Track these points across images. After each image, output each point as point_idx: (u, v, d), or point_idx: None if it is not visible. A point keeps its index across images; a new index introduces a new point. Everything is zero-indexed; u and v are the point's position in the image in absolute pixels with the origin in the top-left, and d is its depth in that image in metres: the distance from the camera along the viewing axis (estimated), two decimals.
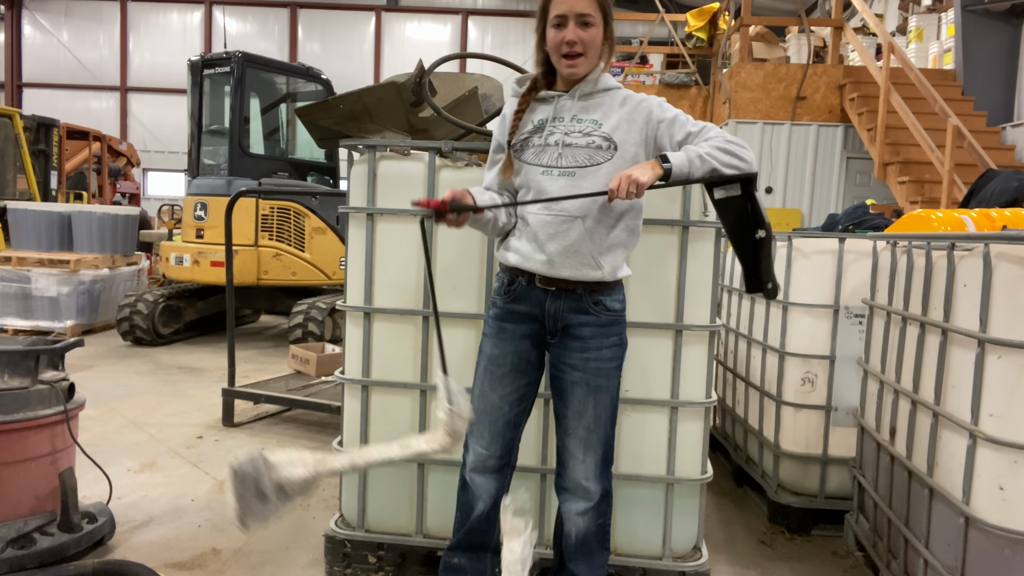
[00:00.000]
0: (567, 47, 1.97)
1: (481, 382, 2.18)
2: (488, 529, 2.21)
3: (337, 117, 3.21)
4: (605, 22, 2.00)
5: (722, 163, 1.88)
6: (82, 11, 20.56)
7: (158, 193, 20.15)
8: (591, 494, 2.11)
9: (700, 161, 1.87)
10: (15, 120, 9.78)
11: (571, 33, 1.95)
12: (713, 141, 1.91)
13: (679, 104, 9.47)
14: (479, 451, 2.18)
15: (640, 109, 2.03)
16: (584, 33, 1.96)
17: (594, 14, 1.96)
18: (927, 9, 9.67)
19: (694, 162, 1.86)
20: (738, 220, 1.98)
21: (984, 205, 3.99)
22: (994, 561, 2.08)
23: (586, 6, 1.96)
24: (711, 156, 1.87)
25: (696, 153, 1.87)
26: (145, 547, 2.99)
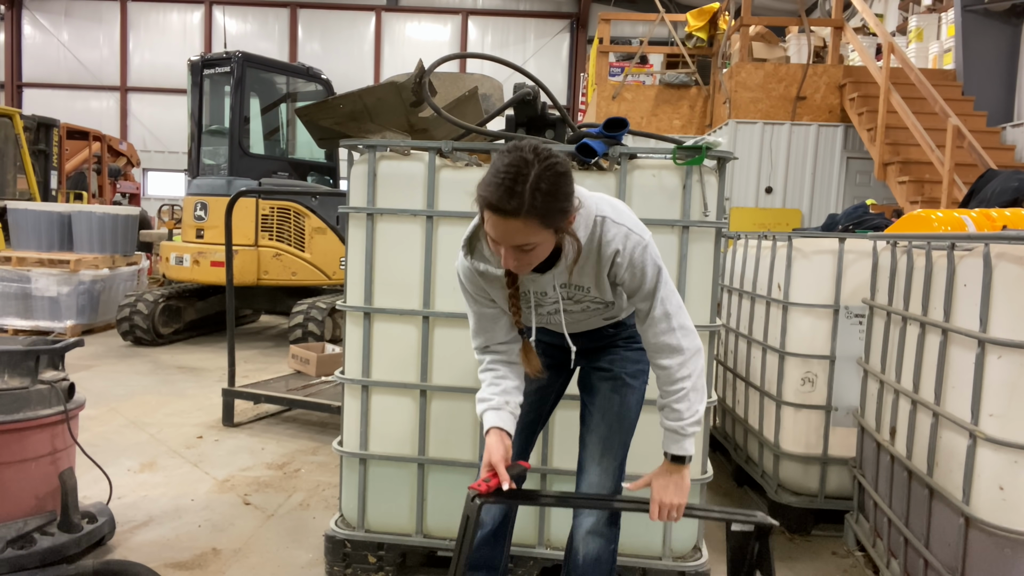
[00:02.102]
0: (508, 267, 1.71)
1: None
2: (495, 547, 2.14)
3: (337, 117, 3.21)
4: (555, 230, 1.64)
5: (698, 405, 1.88)
6: (82, 11, 20.55)
7: (158, 193, 20.14)
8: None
9: (693, 425, 1.87)
10: (15, 120, 9.78)
11: (507, 259, 1.66)
12: (679, 392, 1.85)
13: (679, 104, 9.50)
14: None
15: (611, 273, 1.82)
16: (522, 256, 1.65)
17: (533, 240, 1.61)
18: (927, 9, 9.66)
19: (688, 432, 1.87)
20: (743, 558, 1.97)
21: (984, 205, 3.99)
22: (994, 561, 2.08)
23: (521, 238, 1.60)
24: (689, 411, 1.86)
25: (692, 426, 1.86)
26: (145, 547, 2.99)
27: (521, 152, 1.58)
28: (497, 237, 1.63)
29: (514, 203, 1.55)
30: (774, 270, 3.56)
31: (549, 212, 1.58)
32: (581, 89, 16.56)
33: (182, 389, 5.66)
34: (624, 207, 1.85)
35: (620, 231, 1.76)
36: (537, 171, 1.55)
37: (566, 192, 1.61)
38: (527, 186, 1.54)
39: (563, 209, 1.62)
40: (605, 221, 1.76)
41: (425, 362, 2.66)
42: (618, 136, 2.49)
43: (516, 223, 1.57)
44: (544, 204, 1.56)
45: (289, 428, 4.79)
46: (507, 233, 1.60)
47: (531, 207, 1.55)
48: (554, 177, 1.57)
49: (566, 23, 20.28)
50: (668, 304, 1.82)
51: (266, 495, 3.60)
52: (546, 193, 1.56)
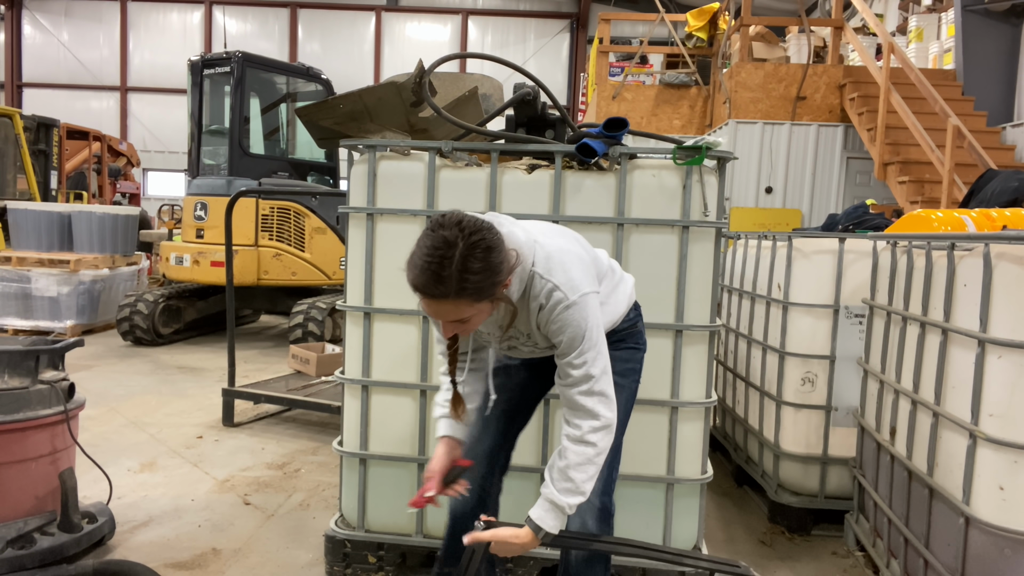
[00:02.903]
0: (446, 336, 1.76)
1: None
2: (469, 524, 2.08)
3: (337, 117, 3.21)
4: (490, 299, 1.64)
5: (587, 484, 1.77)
6: (82, 11, 20.55)
7: (158, 193, 20.15)
8: (590, 504, 1.96)
9: (572, 505, 1.75)
10: (15, 120, 9.78)
11: (445, 330, 1.70)
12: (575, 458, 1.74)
13: (679, 104, 9.49)
14: (472, 434, 2.11)
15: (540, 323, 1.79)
16: (460, 326, 1.67)
17: (467, 314, 1.62)
18: (927, 9, 9.66)
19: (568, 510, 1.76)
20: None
21: (984, 205, 3.99)
22: (994, 561, 2.08)
23: (453, 314, 1.62)
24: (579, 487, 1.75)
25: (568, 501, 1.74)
26: (145, 547, 2.99)
27: (444, 231, 1.56)
28: (431, 314, 1.65)
29: (442, 288, 1.54)
30: (774, 270, 3.56)
31: (479, 290, 1.57)
32: (581, 89, 16.56)
33: (182, 389, 5.66)
34: (561, 257, 1.76)
35: (545, 287, 1.73)
36: (462, 251, 1.53)
37: (495, 266, 1.59)
38: (453, 269, 1.53)
39: (493, 283, 1.60)
40: (535, 276, 1.74)
41: (425, 362, 2.66)
42: (618, 136, 2.49)
43: (447, 304, 1.58)
44: (473, 283, 1.55)
45: (289, 428, 4.79)
46: (440, 312, 1.62)
47: (460, 289, 1.55)
48: (481, 254, 1.55)
49: (566, 23, 20.28)
50: (592, 367, 1.74)
51: (266, 495, 3.60)
52: (474, 272, 1.54)
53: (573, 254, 1.81)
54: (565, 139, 2.74)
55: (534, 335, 1.85)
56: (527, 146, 2.58)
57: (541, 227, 1.89)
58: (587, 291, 1.75)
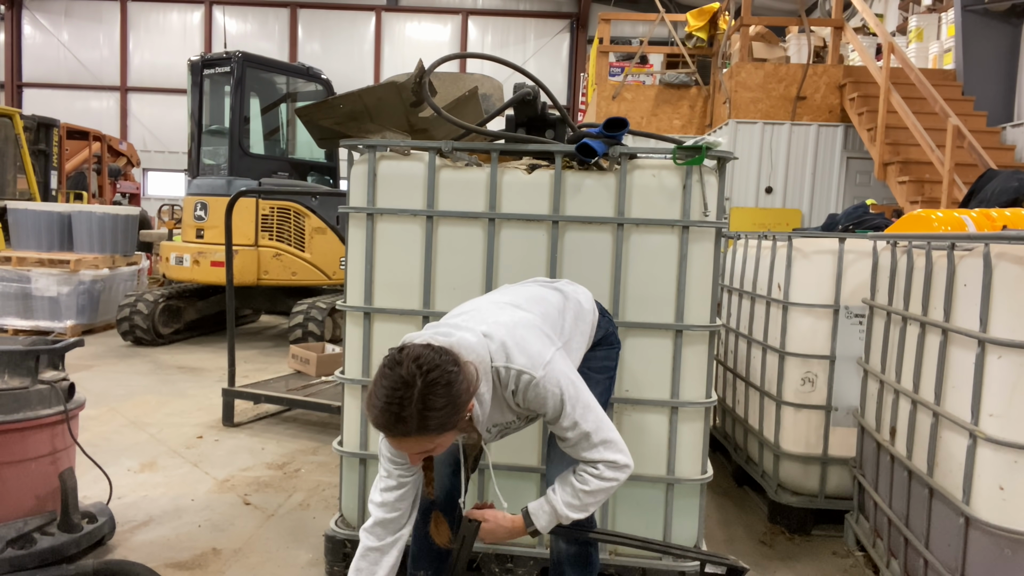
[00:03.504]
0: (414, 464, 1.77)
1: None
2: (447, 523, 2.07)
3: (337, 117, 3.21)
4: (452, 429, 1.63)
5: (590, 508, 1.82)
6: (82, 11, 20.55)
7: (158, 193, 20.15)
8: None
9: (567, 519, 1.79)
10: (15, 120, 9.77)
11: (412, 460, 1.72)
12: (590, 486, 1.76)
13: (679, 104, 9.49)
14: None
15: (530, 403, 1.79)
16: (428, 455, 1.70)
17: (430, 447, 1.64)
18: (927, 9, 9.66)
19: (563, 521, 1.79)
20: None
21: (984, 205, 3.99)
22: (994, 561, 2.08)
23: (417, 448, 1.64)
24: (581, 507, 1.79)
25: (569, 514, 1.78)
26: (145, 547, 2.99)
27: (400, 370, 1.55)
28: (395, 448, 1.68)
29: (403, 427, 1.56)
30: (774, 270, 3.56)
31: (442, 424, 1.57)
32: (581, 89, 16.56)
33: (182, 389, 5.66)
34: (513, 339, 1.75)
35: (511, 374, 1.74)
36: (420, 390, 1.53)
37: (456, 399, 1.58)
38: (413, 408, 1.53)
39: (456, 415, 1.60)
40: (499, 371, 1.75)
41: None
42: (618, 136, 2.49)
43: (410, 441, 1.59)
44: (436, 419, 1.56)
45: (289, 428, 4.79)
46: (403, 447, 1.63)
47: (421, 427, 1.55)
48: (442, 391, 1.55)
49: (566, 23, 20.28)
50: (583, 424, 1.76)
51: (266, 495, 3.60)
52: (436, 408, 1.55)
53: (523, 325, 1.81)
54: (565, 139, 2.74)
55: (519, 415, 1.87)
56: (527, 146, 2.58)
57: (485, 312, 1.87)
58: (549, 357, 1.76)
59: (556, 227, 2.53)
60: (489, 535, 1.80)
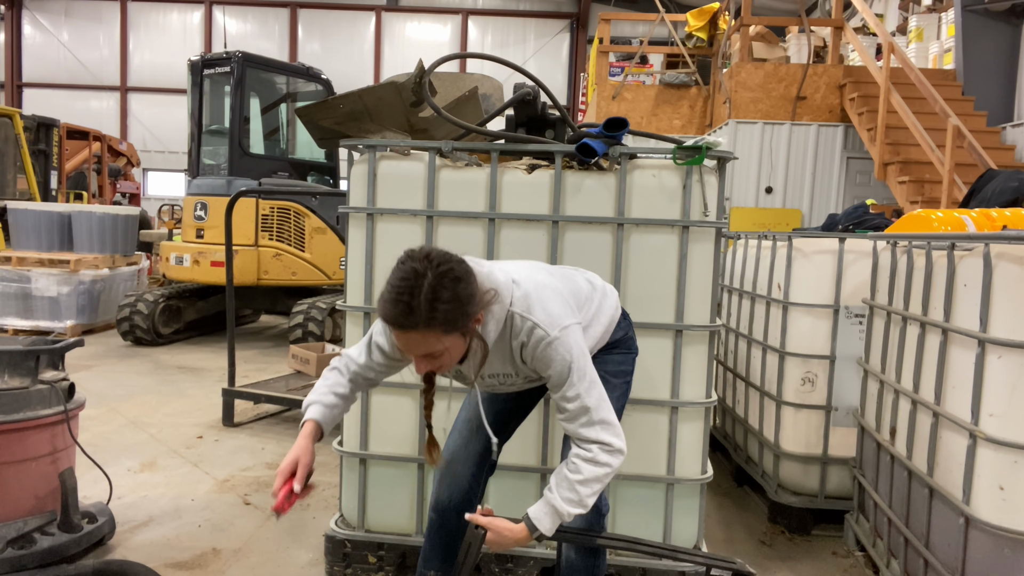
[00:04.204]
0: (420, 372, 1.75)
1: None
2: (459, 533, 2.09)
3: (337, 117, 3.21)
4: (461, 333, 1.64)
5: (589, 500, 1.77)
6: (82, 11, 20.55)
7: (158, 193, 20.15)
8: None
9: (570, 514, 1.75)
10: (15, 120, 9.77)
11: (418, 366, 1.70)
12: (584, 474, 1.73)
13: (679, 104, 9.49)
14: (463, 433, 2.11)
15: (523, 361, 1.81)
16: (433, 361, 1.67)
17: (437, 347, 1.63)
18: (927, 9, 9.66)
19: (565, 518, 1.76)
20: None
21: (984, 205, 3.99)
22: (994, 561, 2.08)
23: (424, 347, 1.62)
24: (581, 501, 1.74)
25: (569, 509, 1.74)
26: (145, 547, 2.99)
27: (413, 263, 1.59)
28: (403, 348, 1.65)
29: (412, 318, 1.56)
30: (774, 270, 3.56)
31: (449, 320, 1.58)
32: (581, 89, 16.56)
33: (182, 389, 5.66)
34: (539, 294, 1.77)
35: (526, 325, 1.74)
36: (431, 281, 1.56)
37: (465, 297, 1.60)
38: (422, 299, 1.55)
39: (464, 313, 1.61)
40: (514, 316, 1.75)
41: None
42: (618, 136, 2.49)
43: (416, 335, 1.59)
44: (443, 314, 1.57)
45: (289, 428, 4.79)
46: (411, 344, 1.62)
47: (429, 319, 1.56)
48: (450, 284, 1.58)
49: (566, 23, 20.28)
50: (586, 398, 1.75)
51: (266, 495, 3.60)
52: (443, 302, 1.56)
53: (551, 288, 1.82)
54: (565, 139, 2.74)
55: (520, 371, 1.86)
56: (527, 146, 2.58)
57: (519, 266, 1.91)
58: (568, 324, 1.76)
59: (556, 227, 2.53)
60: (495, 546, 1.78)
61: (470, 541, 1.81)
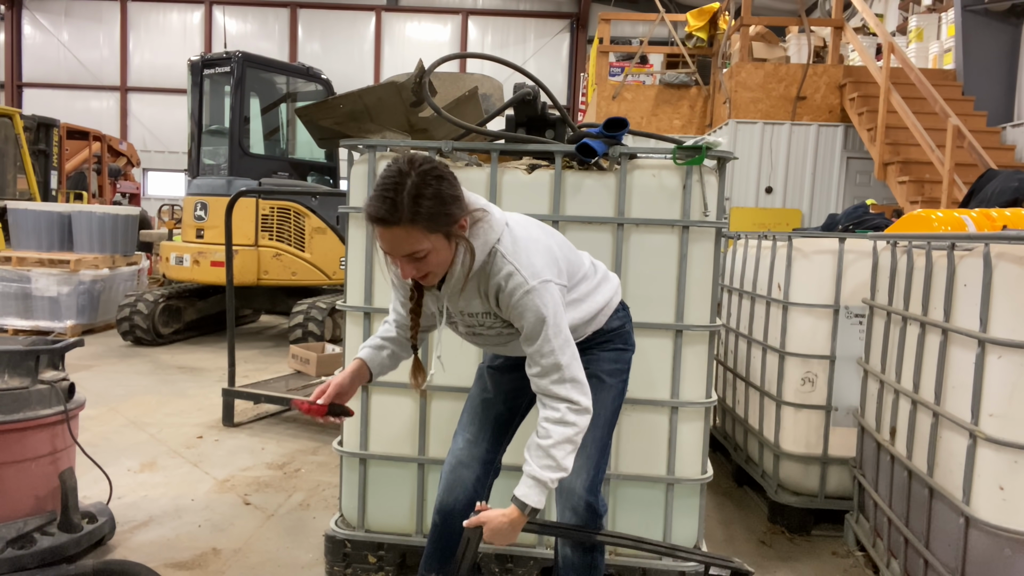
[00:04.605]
0: (407, 278, 1.74)
1: (480, 373, 2.18)
2: (462, 530, 2.04)
3: (337, 117, 3.21)
4: (444, 234, 1.65)
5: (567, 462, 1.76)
6: (82, 11, 20.55)
7: (158, 193, 20.14)
8: (577, 500, 1.98)
9: (554, 480, 1.74)
10: (15, 120, 9.77)
11: (404, 271, 1.69)
12: (554, 437, 1.72)
13: (679, 104, 9.49)
14: (466, 437, 2.11)
15: (512, 309, 1.77)
16: (418, 264, 1.67)
17: (421, 247, 1.62)
18: (927, 9, 9.66)
19: (550, 485, 1.74)
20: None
21: (984, 205, 3.99)
22: (994, 561, 2.08)
23: (408, 246, 1.62)
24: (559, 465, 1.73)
25: (550, 476, 1.73)
26: (145, 547, 2.99)
27: (397, 164, 1.62)
28: (386, 248, 1.66)
29: (395, 214, 1.58)
30: (774, 270, 3.57)
31: (431, 216, 1.60)
32: (581, 89, 16.56)
33: (182, 389, 5.66)
34: (528, 245, 1.77)
35: (506, 269, 1.73)
36: (414, 179, 1.59)
37: (448, 196, 1.62)
38: (404, 194, 1.58)
39: (446, 213, 1.62)
40: (497, 254, 1.74)
41: (425, 362, 2.66)
42: (618, 136, 2.49)
43: (399, 231, 1.60)
44: (426, 209, 1.59)
45: (289, 428, 4.79)
46: (394, 243, 1.63)
47: (411, 213, 1.58)
48: (433, 181, 1.60)
49: (566, 23, 20.28)
50: (559, 355, 1.73)
51: (266, 495, 3.60)
52: (426, 198, 1.58)
53: (542, 244, 1.81)
54: (565, 139, 2.74)
55: (498, 315, 1.83)
56: (527, 146, 2.58)
57: (519, 215, 1.91)
58: (548, 279, 1.75)
59: (556, 227, 2.53)
60: (495, 536, 1.76)
61: (468, 537, 1.81)
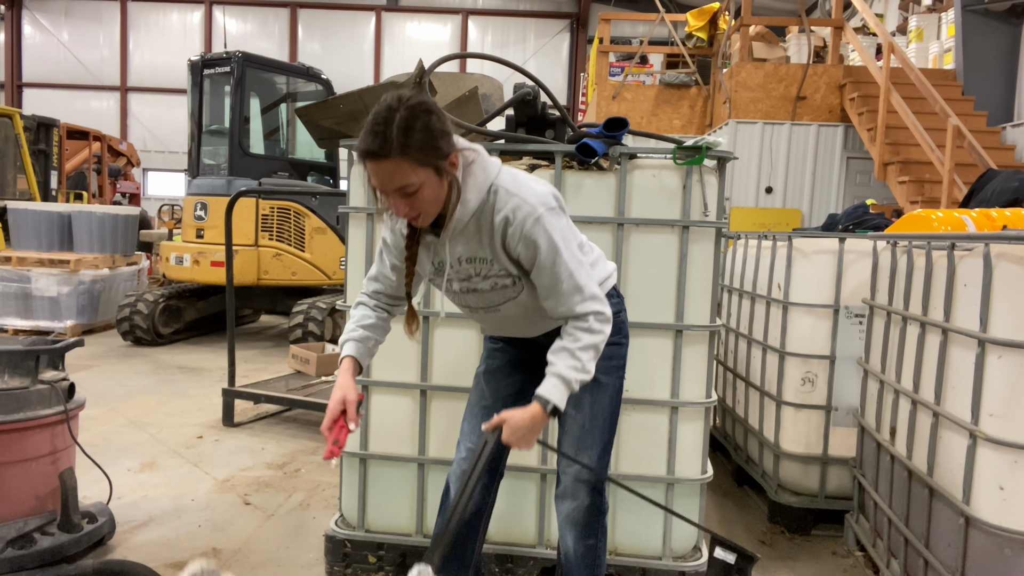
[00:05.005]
0: (400, 216, 1.73)
1: (478, 378, 2.17)
2: (469, 538, 2.11)
3: (337, 117, 3.21)
4: (434, 169, 1.65)
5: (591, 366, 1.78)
6: (82, 11, 20.55)
7: (158, 193, 20.14)
8: (580, 495, 1.99)
9: (579, 382, 1.76)
10: (15, 120, 9.77)
11: (396, 208, 1.68)
12: (582, 341, 1.75)
13: (679, 104, 9.49)
14: (468, 446, 2.11)
15: (506, 245, 1.77)
16: (410, 200, 1.66)
17: (411, 180, 1.62)
18: (927, 9, 9.66)
19: (573, 386, 1.76)
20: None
21: (984, 205, 3.99)
22: (994, 561, 2.08)
23: (398, 179, 1.62)
24: (584, 367, 1.76)
25: (575, 376, 1.75)
26: (145, 547, 2.99)
27: (387, 101, 1.64)
28: (377, 184, 1.66)
29: (385, 146, 1.60)
30: (774, 270, 3.57)
31: (420, 148, 1.61)
32: (581, 89, 16.56)
33: (182, 389, 5.66)
34: (526, 178, 1.81)
35: (512, 201, 1.73)
36: (403, 113, 1.61)
37: (437, 130, 1.64)
38: (394, 127, 1.60)
39: (435, 146, 1.63)
40: (499, 191, 1.75)
41: (425, 362, 2.66)
42: (618, 136, 2.49)
43: (388, 164, 1.61)
44: (415, 141, 1.60)
45: (289, 428, 4.79)
46: (384, 177, 1.64)
47: (400, 145, 1.59)
48: (422, 114, 1.62)
49: (566, 23, 20.28)
50: (579, 275, 1.76)
51: (266, 495, 3.60)
52: (415, 131, 1.60)
53: (543, 186, 1.82)
54: (565, 139, 2.74)
55: (498, 256, 1.80)
56: (527, 146, 2.58)
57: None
58: (555, 207, 1.77)
59: None
60: (514, 434, 1.74)
61: (485, 440, 1.78)
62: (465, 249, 1.81)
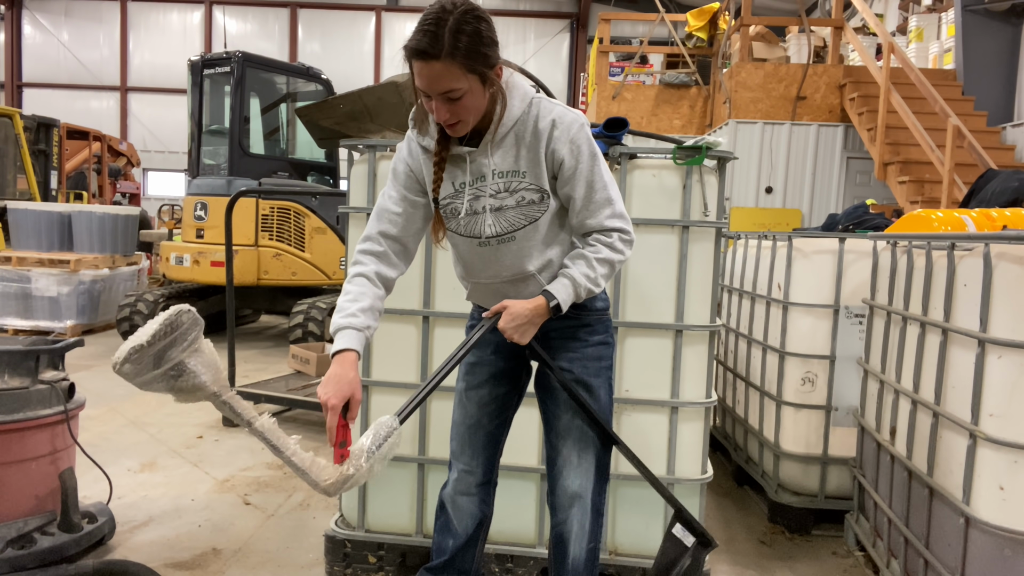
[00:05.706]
0: (441, 120, 1.72)
1: (460, 396, 2.10)
2: (470, 552, 2.11)
3: (337, 117, 3.21)
4: (480, 77, 1.67)
5: (602, 281, 1.82)
6: (82, 11, 20.55)
7: (158, 193, 20.14)
8: (584, 503, 1.97)
9: (586, 290, 1.80)
10: (15, 120, 9.77)
11: (439, 112, 1.69)
12: (602, 254, 1.79)
13: (679, 104, 9.49)
14: (461, 468, 2.09)
15: (549, 150, 1.78)
16: (453, 107, 1.67)
17: (458, 85, 1.64)
18: (927, 9, 9.66)
19: (580, 292, 1.79)
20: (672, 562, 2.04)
21: (984, 205, 3.99)
22: (994, 561, 2.08)
23: (446, 82, 1.63)
24: (596, 279, 1.80)
25: (585, 284, 1.78)
26: (145, 547, 2.99)
27: (442, 3, 1.66)
28: (423, 86, 1.66)
29: (436, 46, 1.61)
30: (774, 270, 3.57)
31: (470, 54, 1.62)
32: (581, 89, 16.55)
33: None
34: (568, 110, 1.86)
35: (556, 109, 1.79)
36: (456, 16, 1.62)
37: (487, 37, 1.67)
38: (447, 29, 1.61)
39: (485, 54, 1.66)
40: (541, 102, 1.80)
41: (425, 362, 2.66)
42: (618, 136, 2.49)
43: (438, 66, 1.62)
44: (465, 46, 1.61)
45: (289, 428, 4.77)
46: (432, 79, 1.64)
47: (452, 48, 1.60)
48: (474, 20, 1.64)
49: (566, 23, 20.28)
50: (611, 189, 1.82)
51: (266, 495, 3.60)
52: (467, 35, 1.61)
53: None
54: None
55: (536, 167, 1.78)
56: None
57: None
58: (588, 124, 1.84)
59: None
60: (512, 321, 1.75)
61: (482, 325, 1.80)
62: (500, 162, 1.81)
